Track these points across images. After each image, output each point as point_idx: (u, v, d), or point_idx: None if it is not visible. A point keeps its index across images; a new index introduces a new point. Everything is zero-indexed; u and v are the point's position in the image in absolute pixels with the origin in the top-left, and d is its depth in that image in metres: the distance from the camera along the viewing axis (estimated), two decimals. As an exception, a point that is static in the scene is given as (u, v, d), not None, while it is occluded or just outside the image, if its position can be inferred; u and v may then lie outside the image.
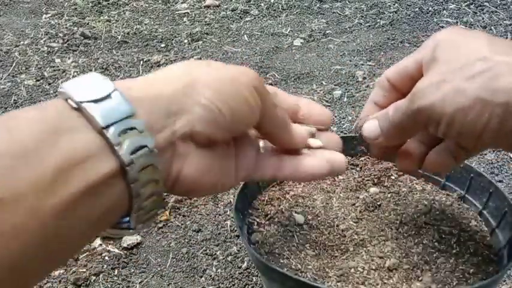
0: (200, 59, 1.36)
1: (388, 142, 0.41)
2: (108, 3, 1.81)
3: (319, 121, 0.39)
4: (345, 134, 0.95)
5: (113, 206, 0.25)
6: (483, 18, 1.46)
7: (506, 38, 1.32)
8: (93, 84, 0.25)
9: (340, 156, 0.37)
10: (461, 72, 0.34)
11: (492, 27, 1.40)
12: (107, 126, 0.24)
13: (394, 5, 1.62)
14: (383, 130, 0.40)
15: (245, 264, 0.70)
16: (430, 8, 1.56)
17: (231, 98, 0.29)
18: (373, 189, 0.55)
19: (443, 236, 0.49)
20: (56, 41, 1.49)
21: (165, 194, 0.30)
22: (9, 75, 1.29)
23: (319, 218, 0.51)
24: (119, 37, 1.53)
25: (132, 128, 0.25)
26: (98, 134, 0.24)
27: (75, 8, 1.76)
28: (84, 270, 0.70)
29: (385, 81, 0.43)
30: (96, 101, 0.24)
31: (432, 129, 0.36)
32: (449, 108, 0.34)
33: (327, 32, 1.50)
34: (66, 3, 1.80)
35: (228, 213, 0.80)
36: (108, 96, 0.25)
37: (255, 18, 1.66)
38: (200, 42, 1.49)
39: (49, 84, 1.25)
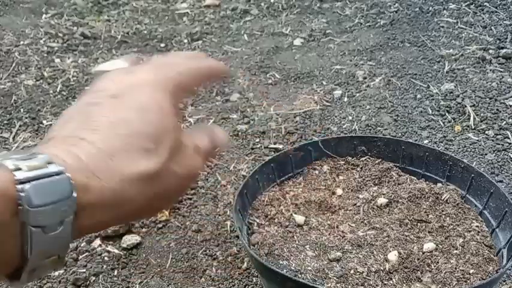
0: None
1: None
2: (108, 3, 1.80)
3: None
4: (345, 134, 0.95)
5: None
6: (483, 18, 1.46)
7: (506, 38, 1.32)
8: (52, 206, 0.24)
9: None
10: None
11: (492, 27, 1.39)
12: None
13: (394, 4, 1.62)
14: None
15: (245, 264, 0.70)
16: (430, 8, 1.55)
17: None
18: (373, 190, 0.55)
19: (444, 236, 0.49)
20: (56, 41, 1.49)
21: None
22: (9, 75, 1.29)
23: (319, 219, 0.51)
24: (119, 37, 1.53)
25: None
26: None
27: (75, 8, 1.76)
28: (84, 270, 0.70)
29: None
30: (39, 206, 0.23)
31: None
32: None
33: (327, 31, 1.50)
34: (66, 3, 1.79)
35: (228, 213, 0.80)
36: (58, 224, 0.24)
37: (255, 17, 1.66)
38: (200, 41, 1.49)
39: (48, 84, 1.25)
